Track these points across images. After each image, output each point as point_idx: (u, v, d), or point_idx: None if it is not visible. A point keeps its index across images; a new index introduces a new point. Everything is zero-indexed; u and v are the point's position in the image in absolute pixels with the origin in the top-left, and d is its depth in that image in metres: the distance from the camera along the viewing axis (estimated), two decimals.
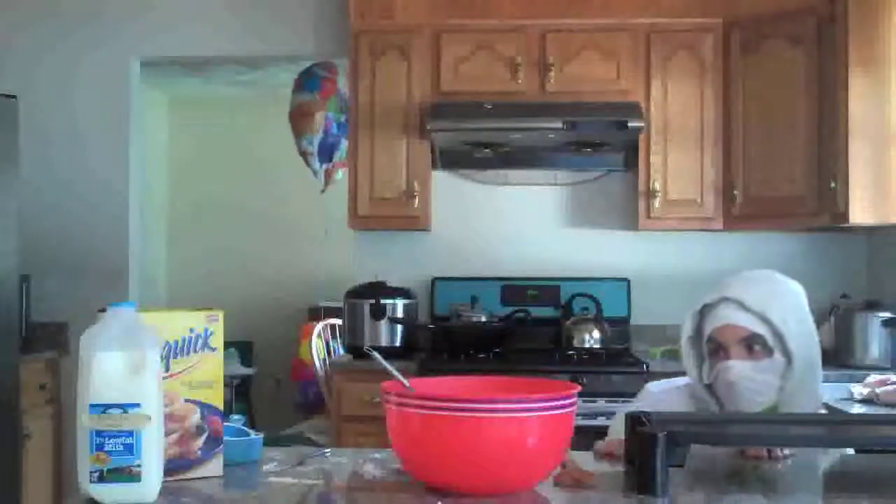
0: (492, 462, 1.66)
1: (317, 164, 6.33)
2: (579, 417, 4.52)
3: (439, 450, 1.67)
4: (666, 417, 1.84)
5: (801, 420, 2.14)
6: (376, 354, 1.90)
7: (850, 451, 2.02)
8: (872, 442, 1.85)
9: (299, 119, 6.27)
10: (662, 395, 2.44)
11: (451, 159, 4.90)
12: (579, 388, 1.78)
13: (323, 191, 6.54)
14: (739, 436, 1.85)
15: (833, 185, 4.08)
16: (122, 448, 1.63)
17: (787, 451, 1.93)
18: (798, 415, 2.12)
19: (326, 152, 6.27)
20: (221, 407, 1.83)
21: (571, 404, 1.73)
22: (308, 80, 6.26)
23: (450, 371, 3.83)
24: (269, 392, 8.07)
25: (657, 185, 4.57)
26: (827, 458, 1.96)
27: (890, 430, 1.96)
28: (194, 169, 8.26)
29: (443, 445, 1.67)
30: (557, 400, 1.71)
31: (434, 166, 4.83)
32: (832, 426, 2.07)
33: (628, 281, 4.85)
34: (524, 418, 1.67)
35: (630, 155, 4.77)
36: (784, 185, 4.39)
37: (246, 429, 2.03)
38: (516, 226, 5.00)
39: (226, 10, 5.13)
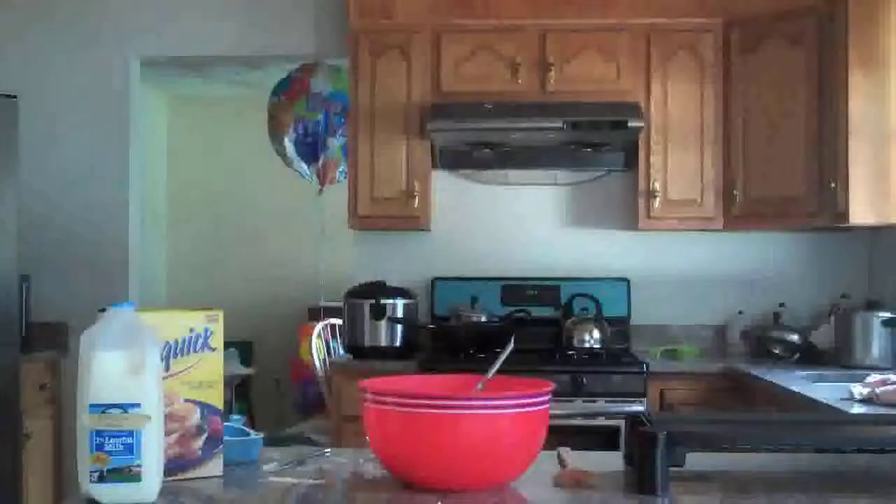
0: (466, 458, 1.68)
1: (300, 165, 6.34)
2: (579, 418, 4.52)
3: (414, 446, 1.70)
4: (666, 418, 1.84)
5: (801, 421, 2.14)
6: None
7: None
8: (872, 442, 1.85)
9: (271, 122, 6.32)
10: None
11: (452, 159, 4.90)
12: (553, 385, 1.79)
13: (320, 191, 6.54)
14: (739, 438, 1.84)
15: (833, 184, 4.08)
16: (121, 448, 1.63)
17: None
18: (798, 416, 2.12)
19: (308, 152, 6.27)
20: (221, 407, 1.83)
21: (543, 402, 1.75)
22: (280, 84, 6.30)
23: (449, 371, 3.83)
24: (269, 392, 8.07)
25: (657, 185, 4.57)
26: (827, 458, 1.96)
27: (890, 431, 1.96)
28: (194, 168, 8.27)
29: (417, 442, 1.69)
30: (528, 398, 1.73)
31: (434, 166, 4.84)
32: (832, 426, 2.07)
33: (628, 281, 4.85)
34: (496, 416, 1.70)
35: (630, 155, 4.77)
36: (784, 185, 4.39)
37: (246, 429, 2.03)
38: (516, 226, 5.00)
39: (226, 10, 5.13)
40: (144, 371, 1.65)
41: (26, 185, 4.72)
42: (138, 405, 1.63)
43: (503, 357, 1.91)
